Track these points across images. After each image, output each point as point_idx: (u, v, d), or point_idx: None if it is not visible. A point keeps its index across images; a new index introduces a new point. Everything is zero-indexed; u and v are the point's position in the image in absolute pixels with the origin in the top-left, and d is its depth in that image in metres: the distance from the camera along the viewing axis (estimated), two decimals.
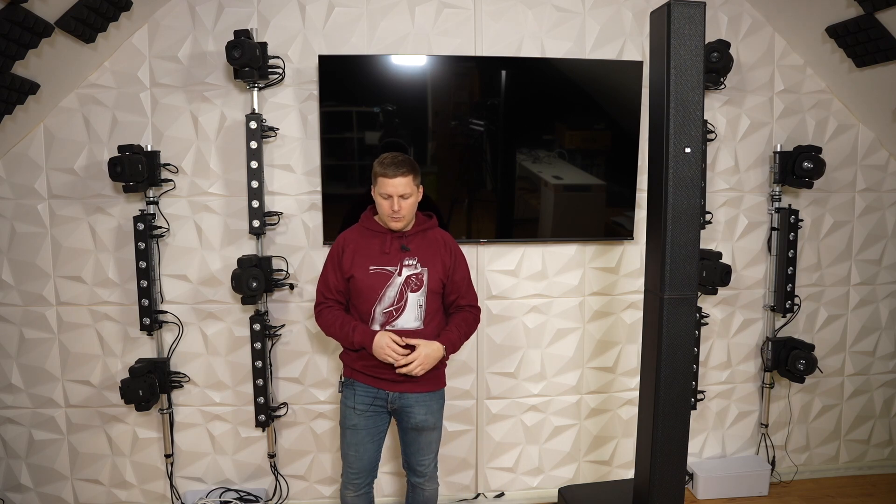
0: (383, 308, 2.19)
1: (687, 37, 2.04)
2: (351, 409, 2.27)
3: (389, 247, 2.21)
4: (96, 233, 2.75)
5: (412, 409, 2.26)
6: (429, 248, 2.25)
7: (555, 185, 2.84)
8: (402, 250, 2.21)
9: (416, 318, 2.20)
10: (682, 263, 2.13)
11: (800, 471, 3.25)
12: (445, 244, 2.29)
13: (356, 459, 2.29)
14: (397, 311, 2.19)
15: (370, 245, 2.23)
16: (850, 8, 2.57)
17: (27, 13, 2.07)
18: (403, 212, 2.16)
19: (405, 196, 2.15)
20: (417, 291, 2.20)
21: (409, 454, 2.36)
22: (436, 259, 2.24)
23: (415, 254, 2.21)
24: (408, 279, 2.19)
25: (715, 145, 2.99)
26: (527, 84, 2.76)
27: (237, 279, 2.62)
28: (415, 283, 2.20)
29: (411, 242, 2.23)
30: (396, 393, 2.24)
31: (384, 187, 2.14)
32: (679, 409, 2.21)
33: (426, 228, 2.28)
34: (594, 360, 3.04)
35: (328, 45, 2.72)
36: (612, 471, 3.14)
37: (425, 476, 2.37)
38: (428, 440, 2.33)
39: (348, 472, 2.32)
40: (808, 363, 2.94)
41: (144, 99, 2.70)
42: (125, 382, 2.65)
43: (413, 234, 2.24)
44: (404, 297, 2.19)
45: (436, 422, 2.32)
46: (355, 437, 2.28)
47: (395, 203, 2.14)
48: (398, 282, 2.19)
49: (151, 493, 2.93)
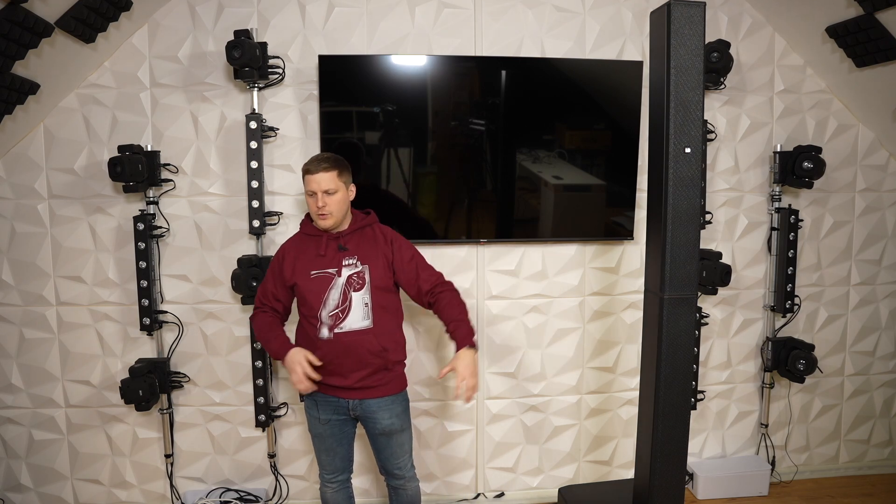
0: (329, 311, 2.16)
1: (687, 37, 2.04)
2: (315, 419, 2.28)
3: (325, 248, 2.19)
4: (96, 233, 2.75)
5: (376, 415, 2.24)
6: (367, 244, 2.23)
7: (555, 185, 2.84)
8: (339, 250, 2.19)
9: (364, 317, 2.17)
10: (682, 263, 2.13)
11: (800, 471, 3.25)
12: (384, 237, 2.27)
13: (329, 461, 2.33)
14: (343, 313, 2.16)
15: (308, 249, 2.22)
16: (850, 8, 2.57)
17: (27, 13, 2.07)
18: (330, 208, 2.14)
19: (330, 192, 2.14)
20: (361, 290, 2.18)
21: (384, 459, 2.34)
22: (376, 254, 2.22)
23: (353, 252, 2.19)
24: (349, 279, 2.17)
25: (715, 145, 2.99)
26: (527, 84, 2.76)
27: (237, 279, 2.62)
28: (357, 282, 2.17)
29: (349, 242, 2.21)
30: (356, 400, 2.23)
31: (308, 184, 2.15)
32: (679, 409, 2.21)
33: (363, 226, 2.26)
34: (594, 360, 3.04)
35: (328, 45, 2.72)
36: (612, 471, 3.14)
37: (404, 478, 2.36)
38: (399, 442, 2.31)
39: (323, 473, 2.36)
40: (808, 363, 2.94)
41: (144, 99, 2.70)
42: (125, 382, 2.65)
43: (349, 232, 2.22)
44: (348, 297, 2.16)
45: (402, 424, 2.30)
46: (323, 444, 2.31)
47: (319, 199, 2.13)
48: (340, 283, 2.16)
49: (151, 493, 2.93)
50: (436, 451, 2.99)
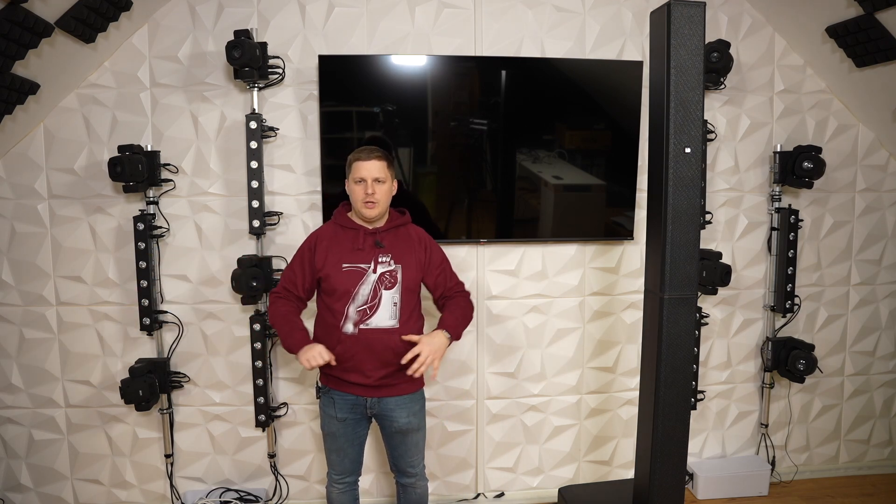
0: (357, 306, 2.14)
1: (687, 37, 2.04)
2: (332, 418, 2.26)
3: (363, 243, 2.17)
4: (96, 233, 2.75)
5: (393, 414, 2.24)
6: (402, 244, 2.22)
7: (555, 185, 2.84)
8: (376, 246, 2.18)
9: (391, 317, 2.16)
10: (682, 263, 2.14)
11: (800, 471, 3.25)
12: (419, 240, 2.27)
13: (339, 462, 2.32)
14: (371, 310, 2.14)
15: (343, 241, 2.20)
16: (850, 8, 2.57)
17: (27, 13, 2.07)
18: (378, 196, 2.13)
19: (380, 180, 2.14)
20: (392, 289, 2.16)
21: (397, 457, 2.34)
22: (410, 256, 2.21)
23: (389, 250, 2.19)
24: (381, 276, 2.16)
25: (715, 145, 2.99)
26: (527, 84, 2.76)
27: (237, 279, 2.62)
28: (389, 281, 2.16)
29: (385, 239, 2.20)
30: (375, 399, 2.22)
31: (358, 171, 2.15)
32: (679, 409, 2.22)
33: (399, 225, 2.26)
34: (594, 360, 3.04)
35: (328, 45, 2.72)
36: (612, 471, 3.14)
37: (416, 476, 2.37)
38: (415, 441, 2.31)
39: (332, 473, 2.35)
40: (808, 363, 2.94)
41: (144, 99, 2.70)
42: (125, 382, 2.66)
43: (386, 230, 2.22)
44: (378, 294, 2.15)
45: (419, 423, 2.30)
46: (335, 444, 2.29)
47: (369, 186, 2.12)
48: (372, 279, 2.15)
49: (151, 493, 2.93)
50: (436, 451, 2.99)
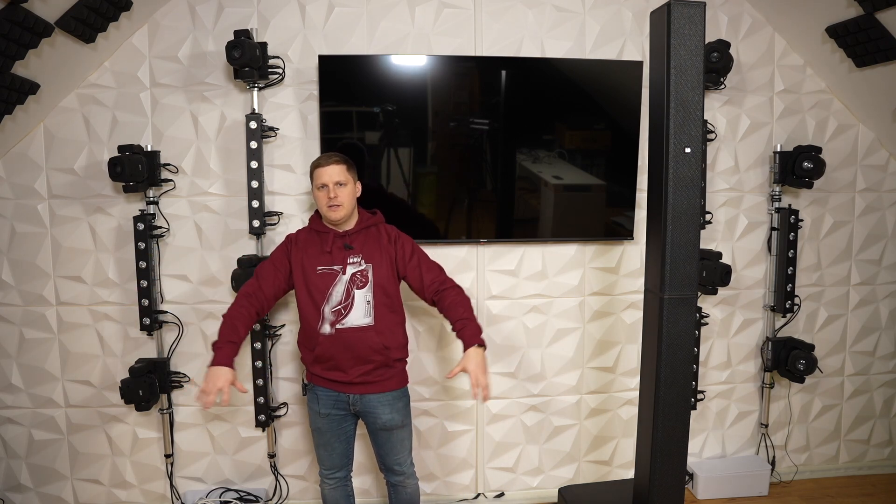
0: (331, 307, 2.20)
1: (687, 37, 2.04)
2: (316, 413, 2.31)
3: (331, 245, 2.23)
4: (96, 233, 2.75)
5: (376, 411, 2.27)
6: (373, 243, 2.27)
7: (555, 185, 2.84)
8: (344, 248, 2.23)
9: (366, 315, 2.21)
10: (682, 263, 2.14)
11: (800, 471, 3.25)
12: (389, 237, 2.30)
13: (327, 457, 2.36)
14: (345, 309, 2.20)
15: (314, 245, 2.26)
16: (850, 8, 2.57)
17: (27, 13, 2.07)
18: (341, 199, 2.19)
19: (341, 183, 2.20)
20: (363, 288, 2.22)
21: (384, 454, 2.36)
22: (379, 253, 2.26)
23: (358, 251, 2.24)
24: (353, 277, 2.21)
25: (715, 145, 2.99)
26: (527, 84, 2.76)
27: (237, 279, 2.62)
28: (360, 280, 2.22)
29: (354, 240, 2.25)
30: (357, 395, 2.26)
31: (319, 177, 2.22)
32: (679, 409, 2.22)
33: (369, 225, 2.30)
34: (594, 360, 3.04)
35: (328, 45, 2.72)
36: (612, 471, 3.14)
37: (404, 474, 2.38)
38: (399, 438, 2.33)
39: (321, 468, 2.39)
40: (808, 363, 2.94)
41: (144, 99, 2.70)
42: (125, 382, 2.66)
43: (356, 231, 2.27)
44: (351, 294, 2.21)
45: (403, 419, 2.32)
46: (322, 439, 2.34)
47: (331, 190, 2.19)
48: (344, 280, 2.21)
49: (151, 493, 2.93)
50: (436, 451, 2.99)
